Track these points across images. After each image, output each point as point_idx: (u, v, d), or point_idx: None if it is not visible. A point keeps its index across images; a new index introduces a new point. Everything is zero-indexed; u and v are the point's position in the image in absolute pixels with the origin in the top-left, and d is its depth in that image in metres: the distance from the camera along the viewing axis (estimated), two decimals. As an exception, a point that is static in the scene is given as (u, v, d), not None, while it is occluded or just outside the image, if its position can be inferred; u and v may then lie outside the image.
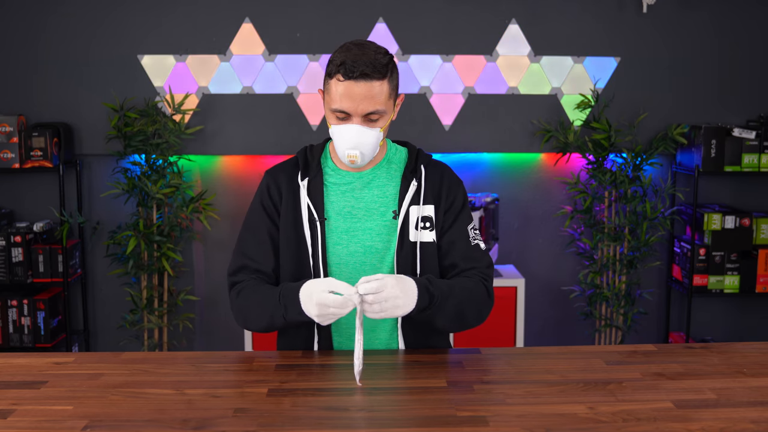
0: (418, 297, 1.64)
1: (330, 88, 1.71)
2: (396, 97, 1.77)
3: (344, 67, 1.66)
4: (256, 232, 1.83)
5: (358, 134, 1.70)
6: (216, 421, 1.38)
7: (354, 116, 1.69)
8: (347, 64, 1.66)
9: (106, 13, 3.60)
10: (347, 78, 1.66)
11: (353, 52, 1.68)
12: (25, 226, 3.55)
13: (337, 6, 3.64)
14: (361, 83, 1.66)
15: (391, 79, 1.72)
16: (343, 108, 1.69)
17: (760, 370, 1.64)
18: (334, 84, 1.69)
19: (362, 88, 1.67)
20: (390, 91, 1.72)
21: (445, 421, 1.38)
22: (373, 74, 1.66)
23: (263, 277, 1.82)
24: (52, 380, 1.59)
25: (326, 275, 1.78)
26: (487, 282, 1.80)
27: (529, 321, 3.87)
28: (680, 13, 3.72)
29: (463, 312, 1.74)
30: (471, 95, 3.73)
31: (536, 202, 3.86)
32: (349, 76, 1.66)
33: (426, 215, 1.80)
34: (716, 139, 3.57)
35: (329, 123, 1.75)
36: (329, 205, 1.81)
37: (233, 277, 1.83)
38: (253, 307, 1.76)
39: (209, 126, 3.68)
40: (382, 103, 1.70)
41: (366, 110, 1.69)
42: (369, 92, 1.67)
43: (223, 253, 3.78)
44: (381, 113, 1.71)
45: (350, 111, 1.69)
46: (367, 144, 1.72)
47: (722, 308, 3.98)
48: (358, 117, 1.69)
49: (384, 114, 1.72)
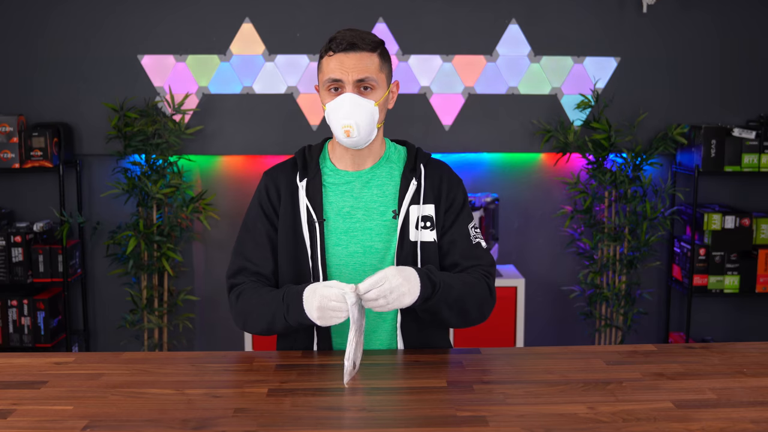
0: (421, 284, 1.62)
1: (322, 67, 1.76)
2: (390, 81, 1.79)
3: (334, 42, 1.73)
4: (255, 234, 1.83)
5: (352, 103, 1.71)
6: (216, 421, 1.38)
7: (346, 84, 1.72)
8: (337, 39, 1.73)
9: (106, 13, 3.60)
10: (337, 51, 1.72)
11: (342, 31, 1.75)
12: (25, 226, 3.55)
13: (337, 6, 3.64)
14: (350, 54, 1.71)
15: (382, 57, 1.76)
16: (335, 75, 1.72)
17: (760, 370, 1.64)
18: (325, 61, 1.74)
19: (352, 58, 1.71)
20: (381, 64, 1.75)
21: (445, 421, 1.38)
22: (361, 44, 1.72)
23: (262, 279, 1.81)
24: (52, 380, 1.59)
25: (326, 276, 1.77)
26: (489, 279, 1.79)
27: (529, 321, 3.87)
28: (680, 13, 3.72)
29: (465, 304, 1.73)
30: (471, 95, 3.73)
31: (536, 202, 3.86)
32: (338, 49, 1.72)
33: (426, 214, 1.80)
34: (716, 139, 3.57)
35: (324, 104, 1.76)
36: (328, 206, 1.80)
37: (232, 279, 1.82)
38: (253, 308, 1.75)
39: (209, 126, 3.68)
40: (374, 72, 1.73)
41: (357, 76, 1.71)
42: (359, 60, 1.72)
43: (223, 253, 3.78)
44: (373, 82, 1.73)
45: (342, 77, 1.71)
46: (361, 114, 1.72)
47: (722, 308, 3.98)
48: (350, 85, 1.72)
49: (377, 86, 1.74)
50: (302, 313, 1.64)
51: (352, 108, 1.71)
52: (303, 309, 1.63)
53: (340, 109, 1.72)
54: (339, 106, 1.72)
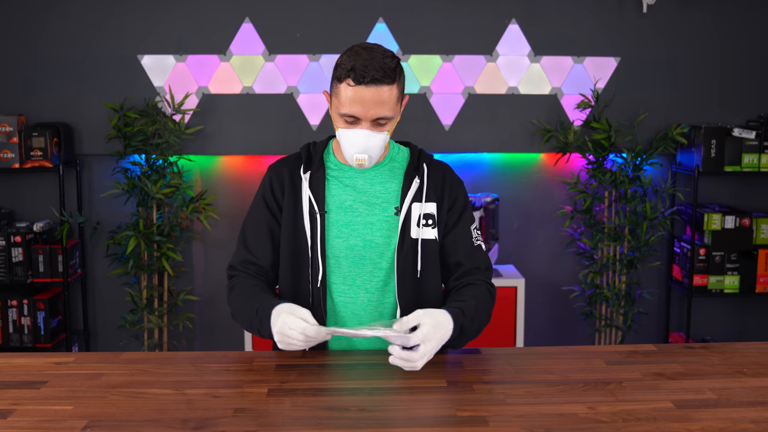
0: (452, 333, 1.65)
1: (339, 92, 1.70)
2: (401, 101, 1.78)
3: (354, 73, 1.65)
4: (257, 227, 1.85)
5: (367, 139, 1.71)
6: (216, 421, 1.38)
7: (363, 121, 1.70)
8: (357, 69, 1.65)
9: (106, 13, 3.60)
10: (357, 83, 1.66)
11: (363, 56, 1.67)
12: (25, 226, 3.55)
13: (337, 6, 3.64)
14: (371, 88, 1.66)
15: (399, 83, 1.73)
16: (353, 113, 1.69)
17: (760, 370, 1.64)
18: (343, 89, 1.68)
19: (372, 93, 1.67)
20: (398, 95, 1.73)
21: (445, 421, 1.38)
22: (383, 79, 1.66)
23: (260, 271, 1.84)
24: (52, 380, 1.59)
25: (325, 268, 1.79)
26: (490, 285, 1.83)
27: (529, 321, 3.87)
28: (680, 13, 3.72)
29: (480, 328, 1.77)
30: (471, 95, 3.73)
31: (536, 202, 3.86)
32: (359, 81, 1.65)
33: (428, 212, 1.81)
34: (716, 139, 3.57)
35: (336, 126, 1.75)
36: (330, 199, 1.82)
37: (231, 270, 1.86)
38: (238, 309, 1.80)
39: (209, 126, 3.68)
40: (391, 108, 1.70)
41: (375, 115, 1.69)
42: (379, 98, 1.67)
43: (223, 253, 3.78)
44: (389, 119, 1.72)
45: (360, 116, 1.69)
46: (375, 148, 1.73)
47: (722, 308, 3.98)
48: (367, 122, 1.70)
49: (392, 119, 1.74)
50: (270, 330, 1.67)
51: (367, 143, 1.72)
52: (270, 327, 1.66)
53: (355, 143, 1.72)
54: (354, 139, 1.72)
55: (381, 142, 1.73)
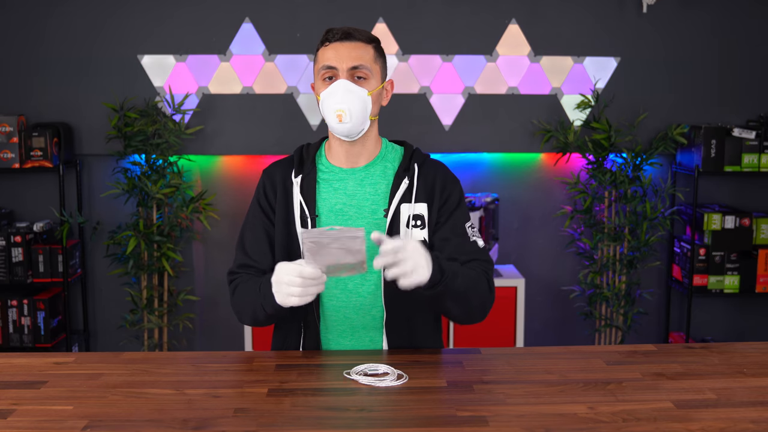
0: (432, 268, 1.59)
1: (318, 57, 1.80)
2: (384, 77, 1.82)
3: (330, 33, 1.78)
4: (254, 230, 1.86)
5: (345, 89, 1.74)
6: (216, 421, 1.38)
7: (340, 72, 1.75)
8: (333, 30, 1.78)
9: (106, 14, 3.60)
10: (333, 41, 1.77)
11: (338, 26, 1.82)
12: (25, 226, 3.55)
13: (337, 6, 3.64)
14: (345, 43, 1.76)
15: (377, 51, 1.80)
16: (329, 63, 1.75)
17: (760, 370, 1.64)
18: (321, 52, 1.79)
19: (347, 46, 1.76)
20: (375, 56, 1.79)
21: (445, 421, 1.38)
22: (356, 35, 1.77)
23: (259, 274, 1.82)
24: (52, 380, 1.59)
25: None
26: (488, 276, 1.77)
27: (529, 321, 3.87)
28: (680, 13, 3.72)
29: (468, 297, 1.70)
30: (471, 95, 3.73)
31: (536, 202, 3.86)
32: (334, 39, 1.77)
33: (417, 213, 1.80)
34: (716, 139, 3.57)
35: (319, 94, 1.79)
36: (321, 203, 1.82)
37: (231, 275, 1.86)
38: (241, 301, 1.79)
39: (209, 126, 3.68)
40: (368, 61, 1.77)
41: (351, 63, 1.75)
42: (354, 49, 1.76)
43: (223, 253, 3.78)
44: (366, 71, 1.76)
45: (336, 64, 1.75)
46: (354, 100, 1.74)
47: (722, 308, 3.98)
48: (344, 73, 1.75)
49: (370, 76, 1.77)
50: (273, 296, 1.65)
51: (345, 94, 1.74)
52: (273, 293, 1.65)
53: (333, 95, 1.75)
54: (332, 92, 1.75)
55: (361, 98, 1.75)
